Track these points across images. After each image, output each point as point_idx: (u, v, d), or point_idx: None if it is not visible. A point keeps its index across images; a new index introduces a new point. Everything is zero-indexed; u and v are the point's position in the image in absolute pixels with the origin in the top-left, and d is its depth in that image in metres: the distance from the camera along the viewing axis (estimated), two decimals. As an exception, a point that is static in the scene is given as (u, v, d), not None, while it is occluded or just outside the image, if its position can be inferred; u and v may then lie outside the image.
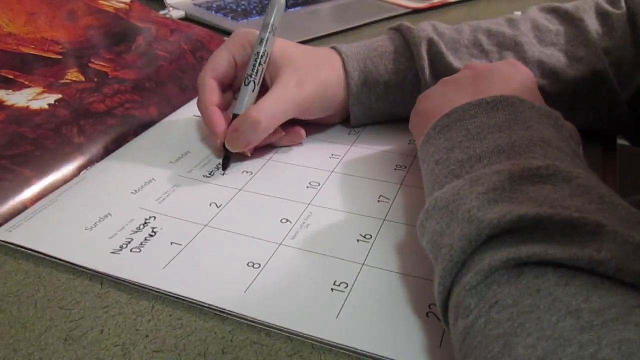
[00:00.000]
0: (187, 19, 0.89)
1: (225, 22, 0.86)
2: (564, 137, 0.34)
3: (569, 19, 0.51)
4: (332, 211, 0.42)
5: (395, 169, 0.47)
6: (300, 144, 0.51)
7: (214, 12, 0.90)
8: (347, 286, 0.34)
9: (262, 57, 0.47)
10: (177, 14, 0.89)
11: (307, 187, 0.44)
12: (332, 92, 0.49)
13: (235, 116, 0.47)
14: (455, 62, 0.49)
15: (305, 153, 0.50)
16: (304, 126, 0.51)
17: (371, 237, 0.39)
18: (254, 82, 0.47)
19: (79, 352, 0.31)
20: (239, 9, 0.92)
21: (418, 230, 0.33)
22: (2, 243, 0.39)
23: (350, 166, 0.47)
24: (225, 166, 0.47)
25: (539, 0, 0.95)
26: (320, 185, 0.45)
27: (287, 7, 0.93)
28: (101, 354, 0.31)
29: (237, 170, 0.47)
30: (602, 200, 0.27)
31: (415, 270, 0.36)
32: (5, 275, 0.36)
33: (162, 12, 0.86)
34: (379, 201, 0.43)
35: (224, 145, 0.46)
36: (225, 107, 0.49)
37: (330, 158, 0.49)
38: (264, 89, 0.48)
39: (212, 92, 0.48)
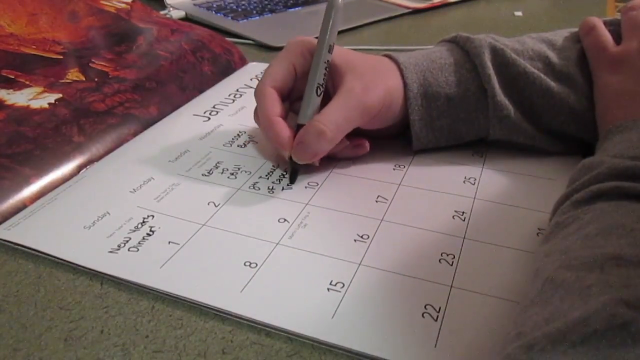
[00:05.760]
0: (187, 19, 0.89)
1: (225, 22, 0.86)
2: None
3: None
4: (330, 211, 0.42)
5: (394, 169, 0.47)
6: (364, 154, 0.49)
7: (214, 12, 0.90)
8: (343, 286, 0.35)
9: (322, 61, 0.45)
10: (177, 14, 0.89)
11: (305, 187, 0.45)
12: (397, 100, 0.45)
13: (299, 126, 0.44)
14: (529, 67, 0.45)
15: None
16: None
17: (368, 237, 0.39)
18: (319, 87, 0.45)
19: (79, 352, 0.31)
20: (239, 9, 0.92)
21: None
22: (1, 241, 0.39)
23: (348, 165, 0.48)
24: (292, 179, 0.46)
25: (540, 1, 0.95)
26: (318, 185, 0.45)
27: (287, 7, 0.93)
28: (101, 354, 0.31)
29: (235, 168, 0.47)
30: None
31: (411, 271, 0.36)
32: (5, 275, 0.37)
33: (162, 12, 0.86)
34: (376, 201, 0.43)
35: (290, 157, 0.44)
36: (284, 118, 0.45)
37: (329, 157, 0.49)
38: (325, 97, 0.45)
39: (273, 102, 0.45)
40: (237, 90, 0.62)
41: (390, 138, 0.50)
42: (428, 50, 0.48)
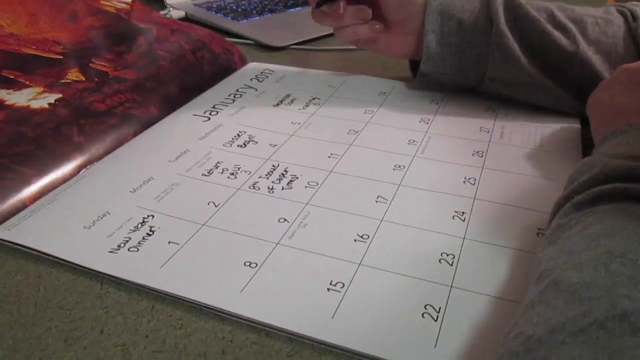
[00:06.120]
0: (187, 19, 0.89)
1: (225, 22, 0.86)
2: None
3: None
4: (330, 211, 0.42)
5: (394, 169, 0.47)
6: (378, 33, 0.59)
7: (214, 12, 0.90)
8: (343, 286, 0.35)
9: None
10: (177, 14, 0.89)
11: (305, 187, 0.45)
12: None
13: None
14: (533, 12, 0.53)
15: (303, 152, 0.50)
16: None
17: (368, 237, 0.39)
18: None
19: (79, 352, 0.31)
20: (239, 9, 0.92)
21: None
22: (1, 241, 0.39)
23: (348, 165, 0.48)
24: (321, 3, 0.58)
25: (539, 1, 0.95)
26: (319, 185, 0.45)
27: (287, 7, 0.93)
28: (101, 354, 0.31)
29: (235, 168, 0.47)
30: None
31: (411, 270, 0.36)
32: (5, 275, 0.37)
33: (162, 12, 0.86)
34: (376, 201, 0.43)
35: None
36: None
37: (329, 157, 0.49)
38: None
39: None
40: (237, 90, 0.62)
41: (403, 57, 0.61)
42: None
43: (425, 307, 0.33)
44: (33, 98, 0.51)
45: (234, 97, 0.61)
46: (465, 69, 0.57)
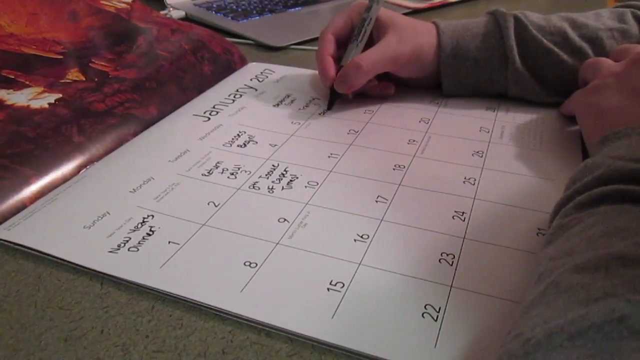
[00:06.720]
0: (187, 18, 0.89)
1: (225, 22, 0.86)
2: None
3: None
4: (330, 210, 0.42)
5: (394, 169, 0.47)
6: (390, 94, 0.61)
7: (213, 12, 0.90)
8: (343, 286, 0.35)
9: (366, 21, 0.57)
10: (177, 14, 0.89)
11: (305, 187, 0.45)
12: (425, 55, 0.57)
13: (341, 67, 0.56)
14: (547, 42, 0.55)
15: (303, 152, 0.50)
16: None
17: (368, 236, 0.39)
18: (358, 40, 0.57)
19: (79, 352, 0.31)
20: (239, 9, 0.92)
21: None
22: (1, 241, 0.39)
23: (348, 165, 0.48)
24: (330, 106, 0.58)
25: (539, 1, 0.95)
26: (318, 185, 0.45)
27: (287, 7, 0.93)
28: (101, 354, 0.31)
29: (235, 168, 0.47)
30: None
31: (411, 270, 0.36)
32: (5, 275, 0.37)
33: (162, 12, 0.86)
34: (376, 201, 0.43)
35: (331, 88, 0.57)
36: (337, 59, 0.58)
37: (329, 157, 0.49)
38: (371, 46, 0.57)
39: (329, 44, 0.58)
40: (237, 90, 0.62)
41: (426, 88, 0.62)
42: (469, 20, 0.59)
43: (425, 307, 0.33)
44: (33, 98, 0.51)
45: (234, 97, 0.61)
46: (483, 94, 0.60)
